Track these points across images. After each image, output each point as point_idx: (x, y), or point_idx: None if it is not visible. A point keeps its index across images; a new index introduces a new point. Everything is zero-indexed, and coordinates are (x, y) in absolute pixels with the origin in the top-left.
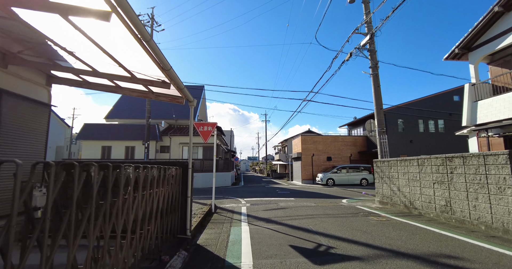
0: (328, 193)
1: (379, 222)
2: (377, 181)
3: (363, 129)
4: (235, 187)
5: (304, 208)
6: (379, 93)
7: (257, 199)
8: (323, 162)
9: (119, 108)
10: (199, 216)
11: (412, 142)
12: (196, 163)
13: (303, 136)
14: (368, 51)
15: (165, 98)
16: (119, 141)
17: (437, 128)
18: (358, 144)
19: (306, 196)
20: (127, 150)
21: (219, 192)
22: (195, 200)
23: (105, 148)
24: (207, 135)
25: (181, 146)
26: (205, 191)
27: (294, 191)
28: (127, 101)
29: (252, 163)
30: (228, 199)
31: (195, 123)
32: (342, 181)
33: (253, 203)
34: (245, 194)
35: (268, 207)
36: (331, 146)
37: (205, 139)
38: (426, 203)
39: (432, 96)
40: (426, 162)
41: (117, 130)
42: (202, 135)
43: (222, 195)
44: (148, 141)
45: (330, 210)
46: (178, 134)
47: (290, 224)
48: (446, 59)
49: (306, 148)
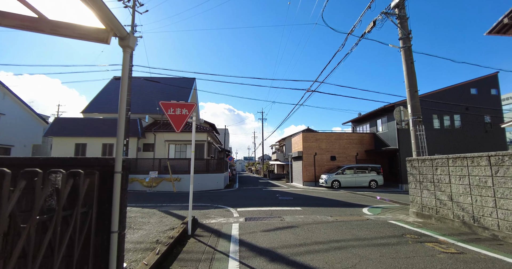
0: (339, 199)
1: (451, 257)
2: (412, 186)
3: (369, 125)
4: (228, 191)
5: (321, 227)
6: (412, 71)
7: (254, 209)
8: (326, 162)
9: (99, 101)
10: (161, 247)
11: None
12: (183, 163)
13: (304, 133)
14: (397, 18)
15: (72, 32)
16: (96, 138)
17: (453, 124)
18: (364, 142)
19: (315, 204)
20: (105, 148)
21: (207, 198)
22: (173, 210)
23: (79, 146)
24: (180, 121)
25: (167, 144)
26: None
27: (297, 196)
28: (110, 94)
29: (248, 163)
30: (217, 209)
31: (162, 103)
32: (349, 183)
33: (248, 218)
34: (239, 202)
35: (269, 224)
36: (336, 144)
37: (177, 128)
38: (509, 222)
39: (447, 88)
40: (508, 161)
41: (94, 126)
42: (173, 121)
43: (210, 202)
44: (127, 137)
45: (359, 230)
46: (163, 130)
47: (311, 266)
48: (490, 33)
49: (308, 147)
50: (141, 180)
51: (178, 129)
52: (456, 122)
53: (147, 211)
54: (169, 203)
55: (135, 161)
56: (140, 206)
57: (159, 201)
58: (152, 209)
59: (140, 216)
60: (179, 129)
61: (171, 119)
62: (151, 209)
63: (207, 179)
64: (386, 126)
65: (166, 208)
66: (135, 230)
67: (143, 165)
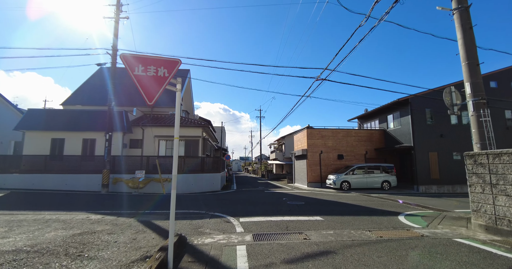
0: (357, 203)
1: None
2: (478, 190)
3: (379, 122)
4: (226, 194)
5: (370, 252)
6: (471, 39)
7: (261, 219)
8: (333, 161)
9: (83, 92)
10: None
11: (443, 136)
12: None
13: (309, 130)
14: None
15: None
16: (76, 132)
17: None
18: (374, 140)
19: (336, 211)
20: (85, 144)
21: (202, 203)
22: (157, 220)
23: (56, 141)
24: (155, 87)
25: (157, 139)
26: (185, 200)
27: (308, 200)
28: (95, 84)
29: (245, 163)
30: (213, 218)
31: (124, 56)
32: (359, 184)
33: (258, 234)
34: (240, 207)
35: (291, 248)
36: (343, 142)
37: (149, 97)
38: None
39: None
40: None
41: (73, 118)
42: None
43: (205, 208)
44: (110, 132)
45: (432, 259)
46: (153, 125)
47: None
48: None
49: (313, 144)
50: (126, 181)
51: (151, 100)
52: None
53: (122, 221)
54: (154, 209)
55: (119, 158)
56: (116, 214)
57: (142, 206)
58: (130, 218)
59: (108, 230)
60: (152, 100)
61: (139, 84)
62: (128, 219)
63: (202, 179)
64: (399, 122)
65: (148, 216)
66: (86, 261)
67: (129, 163)
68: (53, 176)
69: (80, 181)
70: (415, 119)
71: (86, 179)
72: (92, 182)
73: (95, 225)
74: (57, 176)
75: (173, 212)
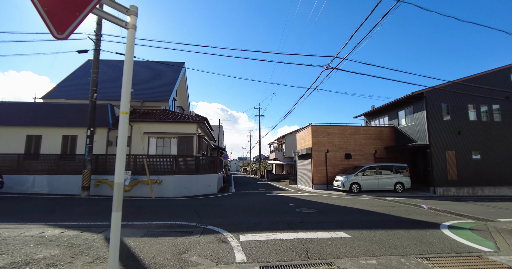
0: (379, 210)
1: None
2: None
3: (388, 118)
4: (223, 197)
5: None
6: None
7: (269, 236)
8: (340, 161)
9: (68, 85)
10: None
11: (460, 133)
12: (166, 162)
13: (314, 127)
14: None
15: None
16: (55, 128)
17: (491, 116)
18: (384, 138)
19: (359, 223)
20: (65, 141)
21: (194, 211)
22: (132, 237)
23: (32, 138)
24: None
25: (146, 136)
26: (174, 207)
27: (320, 207)
28: (83, 77)
29: (243, 163)
30: (205, 235)
31: None
32: (370, 186)
33: (268, 266)
34: (240, 218)
35: None
36: (351, 140)
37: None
38: None
39: (482, 74)
40: None
41: (52, 113)
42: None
43: (196, 218)
44: (92, 127)
45: None
46: (141, 120)
47: None
48: None
49: (318, 142)
50: (110, 183)
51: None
52: (495, 114)
53: (84, 239)
54: (136, 218)
55: (103, 157)
56: (83, 227)
57: (123, 214)
58: (98, 233)
59: (52, 258)
60: (63, 32)
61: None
62: (93, 235)
63: (196, 181)
64: (411, 118)
65: (123, 230)
66: None
67: (114, 163)
68: (27, 177)
69: (59, 183)
70: (430, 114)
71: (65, 181)
72: (72, 184)
73: (41, 247)
74: (31, 178)
75: (113, 251)
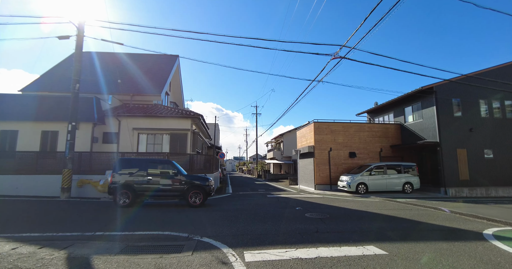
0: (400, 215)
1: None
2: None
3: (394, 115)
4: (220, 200)
5: None
6: None
7: (282, 254)
8: (344, 160)
9: (51, 77)
10: None
11: (472, 131)
12: None
13: (317, 123)
14: None
15: None
16: (33, 123)
17: (503, 112)
18: (390, 135)
19: (389, 233)
20: (45, 137)
21: (186, 217)
22: (100, 254)
23: (7, 134)
24: None
25: (136, 133)
26: (164, 212)
27: (331, 211)
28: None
29: (239, 163)
30: (199, 252)
31: None
32: (378, 186)
33: None
34: (242, 226)
35: None
36: (355, 138)
37: None
38: None
39: (495, 68)
40: None
41: (30, 106)
42: None
43: (189, 227)
44: (74, 121)
45: None
46: (130, 115)
47: None
48: None
49: (321, 140)
50: (94, 183)
51: None
52: (508, 110)
53: (40, 258)
54: (115, 227)
55: (88, 155)
56: (45, 240)
57: (101, 222)
58: (61, 249)
59: None
60: None
61: None
62: (54, 252)
63: None
64: (419, 114)
65: (93, 246)
66: None
67: (100, 161)
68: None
69: (36, 184)
70: (441, 110)
71: (45, 181)
72: (52, 185)
73: None
74: (5, 178)
75: None
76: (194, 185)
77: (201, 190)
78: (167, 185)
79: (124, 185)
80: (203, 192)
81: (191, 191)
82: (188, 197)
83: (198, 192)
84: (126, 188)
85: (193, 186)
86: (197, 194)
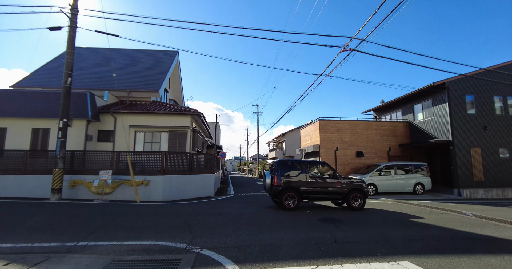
0: (421, 220)
1: None
2: None
3: (402, 113)
4: (222, 202)
5: None
6: None
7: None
8: (351, 159)
9: (43, 73)
10: None
11: (486, 129)
12: (154, 159)
13: (322, 121)
14: None
15: None
16: (23, 120)
17: None
18: (398, 134)
19: (418, 244)
20: (36, 135)
21: (184, 222)
22: None
23: None
24: None
25: (133, 130)
26: (161, 216)
27: (345, 215)
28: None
29: (240, 163)
30: (196, 268)
31: None
32: (388, 187)
33: None
34: (248, 235)
35: None
36: (362, 136)
37: None
38: None
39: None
40: None
41: (20, 102)
42: None
43: (188, 236)
44: (65, 117)
45: None
46: (127, 112)
47: None
48: None
49: (327, 139)
50: (88, 184)
51: None
52: None
53: None
54: (103, 236)
55: (81, 154)
56: (17, 252)
57: (90, 228)
58: (32, 266)
59: None
60: None
61: None
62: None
63: (190, 182)
64: (430, 112)
65: (76, 260)
66: None
67: (95, 161)
68: None
69: (26, 184)
70: (453, 107)
71: (35, 182)
72: (43, 185)
73: None
74: None
75: None
76: (355, 187)
77: (361, 193)
78: (330, 187)
79: (290, 188)
80: (363, 195)
81: (352, 194)
82: (349, 200)
83: (358, 195)
84: (292, 190)
85: (354, 188)
86: (357, 197)
